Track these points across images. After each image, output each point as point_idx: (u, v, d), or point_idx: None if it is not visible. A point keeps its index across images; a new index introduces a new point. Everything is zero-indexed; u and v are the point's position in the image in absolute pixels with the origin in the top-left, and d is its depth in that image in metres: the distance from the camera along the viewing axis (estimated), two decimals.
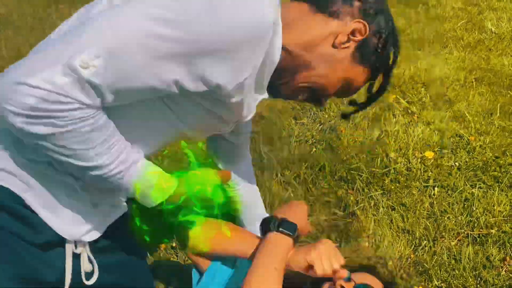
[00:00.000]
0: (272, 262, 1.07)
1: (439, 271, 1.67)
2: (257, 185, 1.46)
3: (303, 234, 1.22)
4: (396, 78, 3.09)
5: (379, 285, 1.15)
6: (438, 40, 3.79)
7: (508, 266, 1.68)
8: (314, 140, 2.49)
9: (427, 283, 1.63)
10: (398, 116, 2.70)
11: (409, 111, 2.77)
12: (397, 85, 3.01)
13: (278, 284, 1.05)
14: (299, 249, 1.14)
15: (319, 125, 2.65)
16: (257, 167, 2.27)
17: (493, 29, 3.97)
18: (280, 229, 1.11)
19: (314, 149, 2.40)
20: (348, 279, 1.10)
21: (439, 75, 3.17)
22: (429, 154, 2.28)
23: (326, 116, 2.70)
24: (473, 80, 3.15)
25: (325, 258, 1.11)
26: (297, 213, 1.20)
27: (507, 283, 1.61)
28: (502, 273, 1.65)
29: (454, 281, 1.63)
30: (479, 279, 1.65)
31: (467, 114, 2.68)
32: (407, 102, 2.84)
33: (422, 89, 3.01)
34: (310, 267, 1.10)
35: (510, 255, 1.72)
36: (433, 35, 3.85)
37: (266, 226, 1.15)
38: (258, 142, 2.45)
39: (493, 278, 1.63)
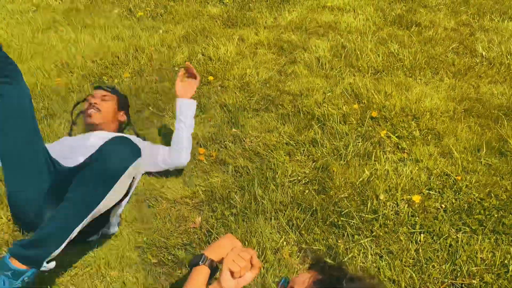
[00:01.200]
0: None
1: None
2: (250, 230, 2.26)
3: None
4: (387, 111, 3.19)
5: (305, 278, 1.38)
6: (429, 66, 3.88)
7: None
8: (307, 180, 2.59)
9: None
10: (388, 153, 2.79)
11: (399, 146, 2.87)
12: (388, 119, 3.11)
13: None
14: (220, 274, 1.45)
15: (312, 163, 2.75)
16: (251, 211, 2.37)
17: (484, 53, 4.05)
18: (190, 262, 1.51)
19: (306, 190, 2.50)
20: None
21: (430, 106, 3.27)
22: (416, 198, 2.38)
23: (319, 153, 2.80)
24: (462, 111, 3.24)
25: (235, 257, 1.42)
26: (222, 246, 1.51)
27: None
28: None
29: None
30: None
31: (454, 151, 2.78)
32: (397, 137, 2.94)
33: (413, 122, 3.10)
34: (232, 274, 1.41)
35: None
36: (424, 61, 3.94)
37: None
38: (253, 183, 2.55)
39: None
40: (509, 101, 3.30)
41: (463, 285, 1.94)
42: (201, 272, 1.45)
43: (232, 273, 1.40)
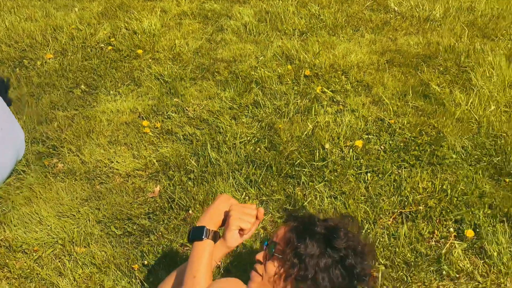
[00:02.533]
0: (191, 272, 1.33)
1: (382, 251, 1.96)
2: (211, 191, 2.26)
3: (224, 223, 1.44)
4: (318, 69, 3.35)
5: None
6: (349, 24, 4.09)
7: (435, 237, 2.02)
8: (256, 139, 2.68)
9: (374, 264, 1.91)
10: (326, 106, 2.96)
11: (335, 100, 3.04)
12: (320, 76, 3.27)
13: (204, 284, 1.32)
14: (224, 232, 1.41)
15: (258, 123, 2.84)
16: (209, 173, 2.43)
17: (396, 8, 4.34)
18: (190, 237, 1.38)
19: (258, 148, 2.59)
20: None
21: (355, 60, 3.47)
22: (358, 142, 2.56)
23: (263, 113, 2.90)
24: (385, 62, 3.49)
25: (241, 215, 1.40)
26: (218, 210, 1.43)
27: (436, 253, 1.95)
28: (432, 244, 1.99)
29: (396, 258, 1.93)
30: (414, 251, 1.97)
31: (384, 98, 3.00)
32: (332, 91, 3.11)
33: (343, 76, 3.29)
34: (240, 232, 1.40)
35: (437, 227, 2.06)
36: (344, 19, 4.15)
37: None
38: (205, 148, 2.60)
39: (425, 249, 1.96)
40: (425, 49, 3.59)
41: (411, 212, 2.16)
42: (206, 247, 1.36)
43: (241, 231, 1.40)
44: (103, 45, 3.86)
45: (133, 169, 2.55)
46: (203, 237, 1.36)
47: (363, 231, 2.01)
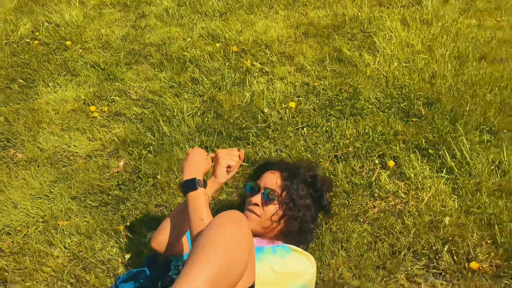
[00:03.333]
0: (197, 217, 1.53)
1: None
2: (172, 160, 2.52)
3: (209, 171, 1.72)
4: (244, 45, 3.69)
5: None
6: (264, 3, 4.46)
7: (365, 170, 2.48)
8: (202, 111, 2.98)
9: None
10: (258, 77, 3.32)
11: (264, 71, 3.41)
12: (247, 51, 3.62)
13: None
14: (214, 170, 1.72)
15: (200, 97, 3.13)
16: (166, 145, 2.69)
17: None
18: (185, 190, 1.58)
19: (206, 119, 2.89)
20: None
21: (275, 35, 3.86)
22: (292, 104, 2.96)
23: (202, 88, 3.19)
24: (301, 34, 3.92)
25: (227, 156, 1.73)
26: (197, 161, 1.65)
27: (367, 181, 2.40)
28: (363, 175, 2.44)
29: (337, 190, 2.36)
30: (350, 183, 2.41)
31: (306, 65, 3.43)
32: (260, 63, 3.47)
33: (267, 50, 3.67)
34: (228, 169, 1.73)
35: (365, 162, 2.52)
36: None
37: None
38: (158, 123, 2.84)
39: (359, 180, 2.41)
40: (333, 20, 4.07)
41: (343, 154, 2.60)
42: (201, 194, 1.55)
43: (229, 168, 1.70)
44: (28, 40, 3.88)
45: (92, 150, 2.73)
46: (197, 186, 1.56)
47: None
